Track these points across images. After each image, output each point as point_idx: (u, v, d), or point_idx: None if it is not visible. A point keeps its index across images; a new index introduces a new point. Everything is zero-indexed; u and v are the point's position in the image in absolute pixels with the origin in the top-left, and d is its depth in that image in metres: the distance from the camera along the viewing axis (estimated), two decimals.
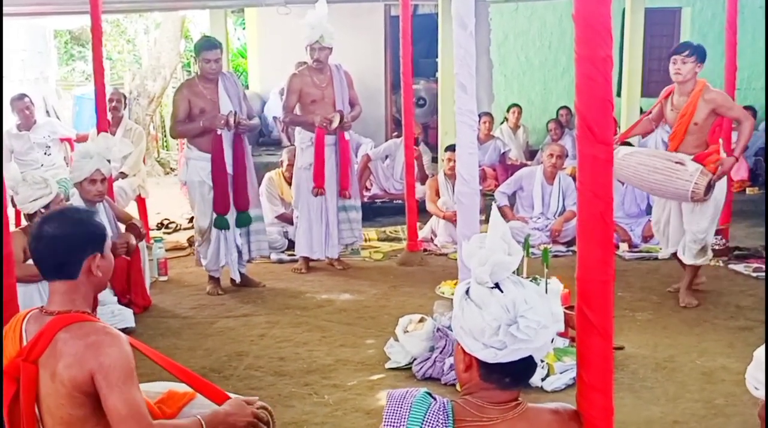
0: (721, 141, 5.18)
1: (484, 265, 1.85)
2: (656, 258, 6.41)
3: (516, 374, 1.87)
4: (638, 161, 5.08)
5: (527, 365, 1.87)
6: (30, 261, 4.32)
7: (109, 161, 5.46)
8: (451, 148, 6.95)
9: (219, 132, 5.56)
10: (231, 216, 5.74)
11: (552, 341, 3.99)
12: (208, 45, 5.62)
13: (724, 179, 5.16)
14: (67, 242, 2.23)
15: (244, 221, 5.81)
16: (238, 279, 5.92)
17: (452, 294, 4.57)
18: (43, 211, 4.48)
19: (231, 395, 2.53)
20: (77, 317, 2.21)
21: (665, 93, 5.31)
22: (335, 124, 6.06)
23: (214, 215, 5.70)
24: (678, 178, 4.95)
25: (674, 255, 5.51)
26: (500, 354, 1.82)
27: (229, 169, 5.65)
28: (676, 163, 4.98)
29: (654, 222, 5.54)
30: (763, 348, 1.94)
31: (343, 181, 6.28)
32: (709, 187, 4.95)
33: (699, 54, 5.06)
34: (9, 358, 2.22)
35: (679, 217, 5.31)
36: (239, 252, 5.87)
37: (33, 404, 2.19)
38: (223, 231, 5.72)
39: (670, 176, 4.97)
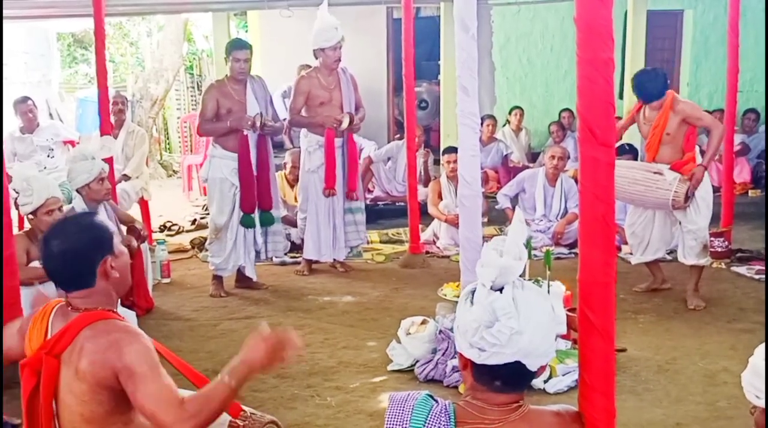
0: (697, 148, 5.31)
1: (490, 268, 1.85)
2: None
3: (505, 379, 1.85)
4: (618, 174, 5.15)
5: (517, 371, 1.83)
6: (33, 264, 4.35)
7: (110, 163, 5.47)
8: (451, 150, 6.97)
9: (245, 132, 5.63)
10: (254, 216, 5.82)
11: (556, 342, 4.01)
12: (238, 45, 5.78)
13: (707, 178, 5.27)
14: (74, 256, 2.24)
15: (267, 220, 5.88)
16: (255, 278, 5.97)
17: (455, 296, 4.59)
18: (30, 217, 4.45)
19: (245, 408, 2.53)
20: (102, 314, 2.23)
21: (636, 107, 5.47)
22: (345, 125, 6.08)
23: (234, 213, 5.75)
24: (658, 187, 5.13)
25: (647, 263, 5.65)
26: (483, 355, 1.82)
27: (254, 170, 5.73)
28: (655, 173, 5.16)
29: (628, 226, 5.64)
30: (758, 354, 1.92)
31: (351, 183, 6.30)
32: (688, 195, 5.11)
33: (645, 94, 5.26)
34: (33, 350, 2.24)
35: (663, 226, 5.43)
36: (257, 252, 5.92)
37: (52, 398, 2.21)
38: (245, 230, 5.78)
39: (650, 186, 5.15)
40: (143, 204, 7.49)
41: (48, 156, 7.55)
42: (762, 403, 1.90)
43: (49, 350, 2.19)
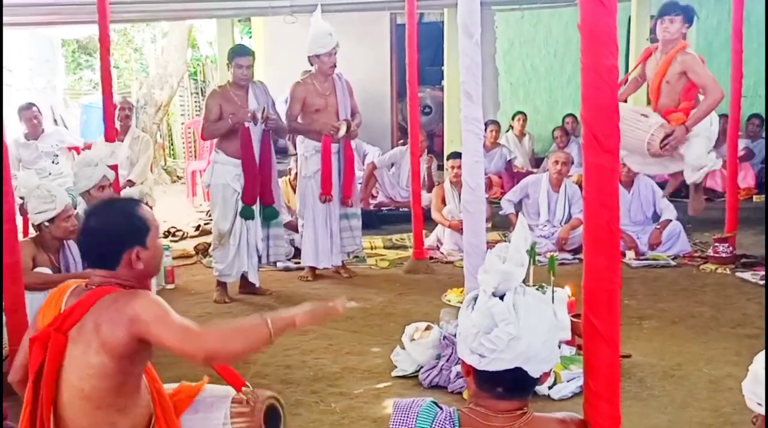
0: (700, 97, 5.05)
1: (492, 274, 1.85)
2: (663, 266, 6.40)
3: (507, 385, 1.85)
4: None
5: (519, 378, 1.84)
6: (38, 269, 4.36)
7: (115, 170, 5.48)
8: (455, 156, 6.97)
9: (246, 124, 5.67)
10: (257, 210, 5.85)
11: (559, 347, 4.00)
12: (241, 51, 5.85)
13: (714, 120, 5.06)
14: (106, 235, 2.33)
15: (270, 214, 5.91)
16: (257, 283, 5.98)
17: (459, 302, 4.58)
18: (47, 224, 4.44)
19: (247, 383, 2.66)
20: (111, 289, 2.29)
21: (645, 53, 5.29)
22: (342, 132, 6.09)
23: (237, 219, 5.78)
24: (638, 128, 4.97)
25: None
26: (483, 361, 1.83)
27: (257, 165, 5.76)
28: (642, 115, 5.03)
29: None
30: (758, 361, 1.91)
31: (347, 190, 6.31)
32: (666, 145, 4.92)
33: (687, 14, 4.98)
34: (44, 326, 2.29)
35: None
36: (258, 257, 5.95)
37: (55, 373, 2.24)
38: (246, 234, 5.81)
39: (631, 126, 4.95)
40: None
41: (53, 162, 7.58)
42: (763, 410, 1.90)
43: (58, 326, 2.23)
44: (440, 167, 9.11)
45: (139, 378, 2.33)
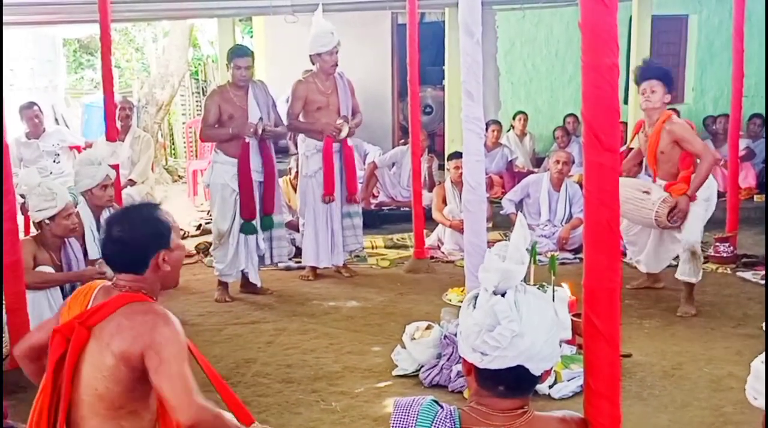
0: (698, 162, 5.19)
1: (493, 272, 1.85)
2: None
3: (509, 383, 1.85)
4: None
5: (520, 376, 1.84)
6: (39, 268, 4.36)
7: (116, 169, 5.48)
8: (456, 156, 6.97)
9: (246, 139, 5.66)
10: (256, 222, 5.85)
11: (560, 346, 4.00)
12: (240, 52, 5.83)
13: (712, 192, 5.26)
14: (133, 243, 2.35)
15: (268, 224, 5.92)
16: (259, 284, 5.99)
17: (459, 301, 4.59)
18: (48, 222, 4.43)
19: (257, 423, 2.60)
20: (141, 297, 2.32)
21: (637, 126, 5.48)
22: (344, 133, 6.10)
23: (236, 218, 5.78)
24: (643, 207, 5.17)
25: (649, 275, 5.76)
26: (486, 359, 1.83)
27: (256, 175, 5.78)
28: (644, 192, 5.19)
29: (624, 233, 5.55)
30: (761, 359, 1.92)
31: (351, 187, 6.31)
32: (673, 216, 5.08)
33: (664, 77, 5.13)
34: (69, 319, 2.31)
35: (659, 242, 5.50)
36: (261, 257, 5.96)
37: (73, 366, 2.26)
38: (247, 235, 5.81)
39: (637, 205, 5.19)
40: None
41: (54, 161, 7.58)
42: (759, 404, 1.91)
43: (83, 321, 2.26)
44: (441, 167, 9.11)
45: (150, 387, 2.31)
